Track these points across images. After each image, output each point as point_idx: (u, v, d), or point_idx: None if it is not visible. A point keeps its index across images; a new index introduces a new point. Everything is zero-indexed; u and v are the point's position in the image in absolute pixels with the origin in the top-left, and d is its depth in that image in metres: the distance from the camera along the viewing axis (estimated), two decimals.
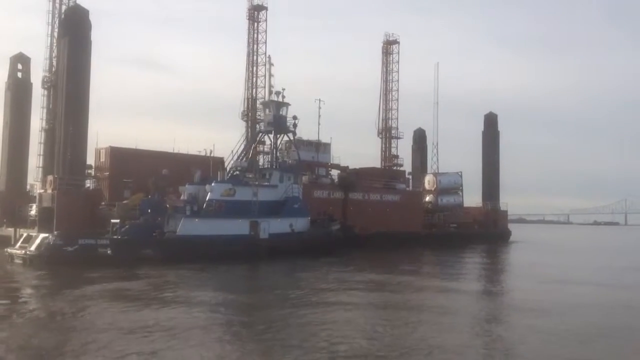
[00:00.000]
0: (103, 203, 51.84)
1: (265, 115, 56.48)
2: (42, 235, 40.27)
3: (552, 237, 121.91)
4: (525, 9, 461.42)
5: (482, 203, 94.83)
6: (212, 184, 49.33)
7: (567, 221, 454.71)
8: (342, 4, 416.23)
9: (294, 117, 57.03)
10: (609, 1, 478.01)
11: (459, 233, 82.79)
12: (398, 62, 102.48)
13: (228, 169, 54.19)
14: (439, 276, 41.88)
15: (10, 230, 56.48)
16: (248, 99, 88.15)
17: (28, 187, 62.74)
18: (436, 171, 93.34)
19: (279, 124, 55.70)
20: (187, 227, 45.60)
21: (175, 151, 64.09)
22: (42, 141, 66.97)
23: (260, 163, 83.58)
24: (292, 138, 57.46)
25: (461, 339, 18.77)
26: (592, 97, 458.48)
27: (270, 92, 55.78)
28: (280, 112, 55.99)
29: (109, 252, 40.55)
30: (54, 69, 67.69)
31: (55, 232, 41.54)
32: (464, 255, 61.49)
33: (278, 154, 57.99)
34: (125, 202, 52.05)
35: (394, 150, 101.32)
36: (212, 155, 67.07)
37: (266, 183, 52.55)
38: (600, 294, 31.76)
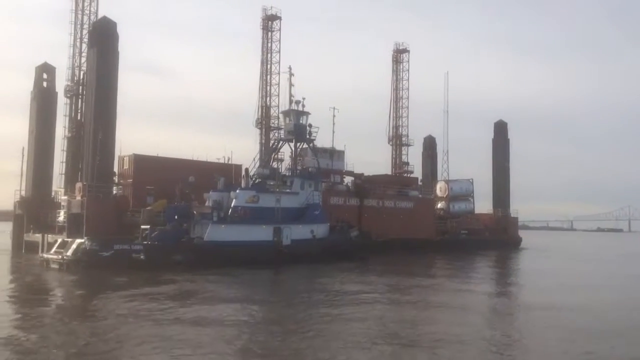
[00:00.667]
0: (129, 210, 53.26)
1: (286, 124, 57.93)
2: (78, 240, 41.68)
3: (560, 243, 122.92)
4: (537, 15, 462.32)
5: (492, 210, 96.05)
6: (237, 191, 50.76)
7: (571, 227, 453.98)
8: (352, 12, 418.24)
9: (309, 125, 58.35)
10: (619, 6, 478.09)
11: (471, 239, 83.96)
12: (408, 70, 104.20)
13: (251, 175, 55.50)
14: (464, 283, 43.15)
15: (37, 236, 57.91)
16: (262, 107, 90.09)
17: (52, 193, 64.08)
18: (447, 178, 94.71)
19: (300, 133, 57.19)
20: (214, 233, 46.99)
21: (195, 158, 65.85)
22: (65, 149, 68.67)
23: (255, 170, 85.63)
24: (311, 146, 58.81)
25: (496, 334, 20.18)
26: (597, 105, 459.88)
27: (291, 101, 57.34)
28: (300, 121, 57.50)
29: (142, 257, 41.88)
30: (76, 78, 69.40)
31: (91, 238, 42.82)
32: (479, 261, 62.80)
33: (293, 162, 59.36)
34: (149, 208, 53.61)
35: (404, 158, 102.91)
36: (230, 162, 69.45)
37: (288, 190, 53.91)
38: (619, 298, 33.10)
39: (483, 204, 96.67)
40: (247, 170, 54.21)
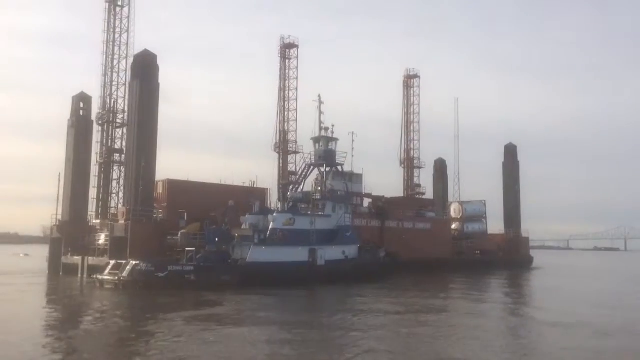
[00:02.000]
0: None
1: (316, 150, 60.66)
2: (133, 262, 43.93)
3: (566, 263, 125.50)
4: (542, 37, 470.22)
5: (504, 230, 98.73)
6: (275, 214, 53.26)
7: (567, 247, 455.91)
8: (362, 39, 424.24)
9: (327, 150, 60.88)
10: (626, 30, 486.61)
11: (485, 260, 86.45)
12: (419, 95, 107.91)
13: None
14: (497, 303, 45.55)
15: (77, 259, 60.17)
16: (280, 131, 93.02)
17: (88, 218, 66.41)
18: (459, 200, 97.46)
19: (329, 158, 59.98)
20: (256, 254, 49.39)
21: (222, 182, 68.32)
22: (97, 174, 71.17)
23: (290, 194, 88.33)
24: (341, 171, 61.52)
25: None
26: (591, 126, 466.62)
27: (321, 128, 60.20)
28: (330, 147, 60.33)
29: (192, 277, 44.21)
30: (107, 106, 72.21)
31: (147, 259, 45.15)
32: (497, 282, 64.96)
33: (320, 186, 61.85)
34: (183, 231, 55.90)
35: (415, 180, 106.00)
36: (256, 186, 72.05)
37: (320, 213, 56.45)
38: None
39: (494, 224, 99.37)
40: (284, 194, 56.65)
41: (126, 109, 71.28)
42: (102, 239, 58.17)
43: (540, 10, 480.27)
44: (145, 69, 56.15)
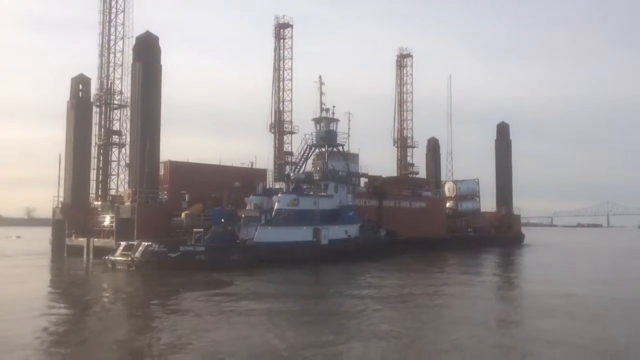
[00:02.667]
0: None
1: (318, 131, 61.42)
2: (145, 243, 44.68)
3: (555, 239, 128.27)
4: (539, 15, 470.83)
5: (496, 208, 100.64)
6: (279, 195, 54.20)
7: (551, 224, 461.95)
8: (354, 18, 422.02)
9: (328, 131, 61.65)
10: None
11: (478, 237, 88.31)
12: (412, 74, 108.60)
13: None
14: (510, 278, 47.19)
15: (81, 241, 60.73)
16: (276, 112, 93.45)
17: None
18: (451, 178, 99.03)
19: (330, 139, 60.84)
20: (263, 234, 50.39)
21: (221, 164, 68.85)
22: (95, 156, 71.42)
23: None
24: (342, 151, 62.39)
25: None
26: (575, 104, 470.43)
27: (322, 109, 60.92)
28: (331, 127, 61.16)
29: (203, 258, 45.12)
30: (104, 88, 72.23)
31: (159, 240, 46.00)
32: (493, 258, 66.79)
33: (322, 166, 62.72)
34: (186, 212, 56.62)
35: (409, 159, 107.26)
36: (254, 167, 72.77)
37: (323, 193, 57.44)
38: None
39: (485, 202, 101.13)
40: (288, 175, 57.48)
41: (123, 90, 71.59)
42: (107, 220, 58.70)
43: None
44: (147, 51, 56.31)
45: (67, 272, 48.97)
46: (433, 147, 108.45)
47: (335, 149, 62.09)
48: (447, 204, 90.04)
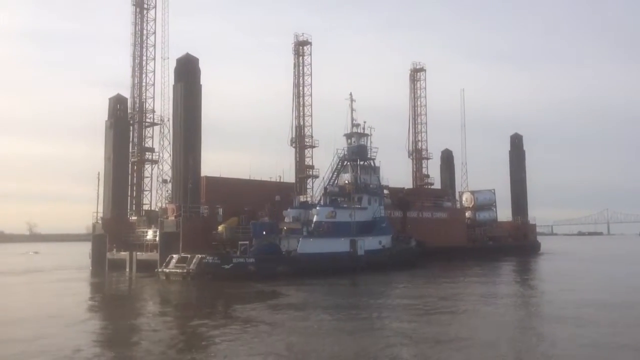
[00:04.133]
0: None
1: (349, 146, 63.91)
2: (199, 255, 47.00)
3: (567, 247, 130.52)
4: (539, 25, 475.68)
5: (512, 217, 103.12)
6: (317, 208, 56.64)
7: (551, 232, 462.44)
8: (368, 34, 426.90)
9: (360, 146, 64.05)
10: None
11: (496, 246, 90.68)
12: (425, 88, 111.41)
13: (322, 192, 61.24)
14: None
15: (124, 254, 62.92)
16: (296, 127, 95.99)
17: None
18: (466, 189, 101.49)
19: (362, 153, 63.40)
20: (305, 246, 52.80)
21: (251, 178, 71.21)
22: (130, 172, 73.74)
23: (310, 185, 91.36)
24: (373, 165, 64.87)
25: None
26: (574, 111, 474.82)
27: (353, 125, 63.53)
28: (362, 142, 63.73)
29: (253, 268, 47.45)
30: (136, 107, 74.71)
31: (213, 253, 48.40)
32: (515, 267, 68.85)
33: (356, 180, 65.05)
34: (224, 225, 58.83)
35: (424, 170, 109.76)
36: (282, 181, 75.30)
37: (357, 206, 59.85)
38: None
39: (501, 212, 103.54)
40: (326, 188, 59.90)
41: (156, 108, 74.19)
42: (149, 234, 60.92)
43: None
44: (187, 72, 58.82)
45: (119, 284, 51.20)
46: (447, 158, 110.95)
47: (366, 163, 64.50)
48: (466, 214, 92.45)
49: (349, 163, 63.96)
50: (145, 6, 75.78)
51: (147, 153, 73.77)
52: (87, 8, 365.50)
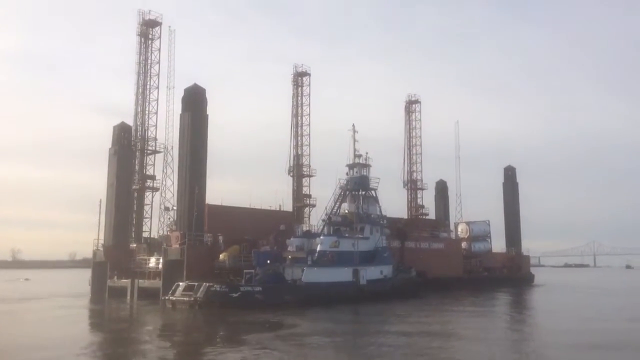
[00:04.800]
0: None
1: (352, 177, 64.87)
2: (206, 284, 47.27)
3: (558, 279, 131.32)
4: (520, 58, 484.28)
5: (506, 249, 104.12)
6: (321, 237, 57.25)
7: (539, 263, 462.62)
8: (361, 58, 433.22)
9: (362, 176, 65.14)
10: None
11: (491, 277, 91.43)
12: (420, 119, 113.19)
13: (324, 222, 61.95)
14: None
15: (125, 282, 62.89)
16: (294, 156, 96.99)
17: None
18: (461, 220, 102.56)
19: (364, 183, 64.38)
20: (310, 275, 53.27)
21: (251, 206, 71.80)
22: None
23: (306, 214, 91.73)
24: (375, 195, 65.81)
25: None
26: (561, 143, 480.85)
27: (355, 156, 64.64)
28: (363, 173, 64.76)
29: (260, 297, 47.77)
30: (139, 135, 75.41)
31: (221, 281, 48.69)
32: (513, 298, 69.51)
33: (357, 210, 65.82)
34: (224, 254, 59.20)
35: (419, 201, 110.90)
36: (282, 209, 76.10)
37: (360, 235, 60.55)
38: None
39: (495, 243, 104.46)
40: (329, 218, 60.64)
41: (158, 136, 75.04)
42: (152, 262, 61.07)
43: (513, 32, 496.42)
44: (195, 102, 59.83)
45: (124, 312, 51.17)
46: (441, 189, 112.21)
47: (368, 193, 65.41)
48: (462, 245, 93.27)
49: (351, 193, 64.78)
50: (150, 37, 77.19)
51: (148, 180, 74.30)
52: (89, 35, 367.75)
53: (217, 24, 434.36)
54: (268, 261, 54.60)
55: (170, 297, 48.78)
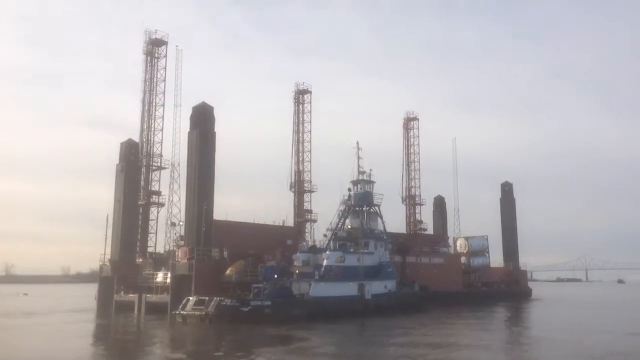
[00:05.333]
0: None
1: (356, 193, 66.21)
2: (217, 298, 48.23)
3: (555, 294, 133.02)
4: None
5: (504, 263, 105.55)
6: (327, 253, 58.41)
7: (531, 278, 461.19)
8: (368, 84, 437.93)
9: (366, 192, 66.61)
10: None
11: (490, 292, 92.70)
12: (418, 136, 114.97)
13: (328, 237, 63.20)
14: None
15: (132, 296, 63.57)
16: (295, 172, 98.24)
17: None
18: (459, 235, 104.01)
19: (368, 199, 65.72)
20: (317, 289, 54.32)
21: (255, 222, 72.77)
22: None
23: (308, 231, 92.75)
24: (378, 211, 67.12)
25: None
26: (552, 157, 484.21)
27: (359, 172, 66.05)
28: (367, 189, 66.12)
29: (269, 311, 48.74)
30: (145, 152, 76.54)
31: (231, 295, 49.67)
32: (514, 312, 70.80)
33: (361, 225, 67.05)
34: (230, 269, 60.11)
35: (417, 216, 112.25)
36: (285, 225, 77.25)
37: (364, 250, 61.73)
38: None
39: (492, 257, 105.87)
40: (335, 233, 61.88)
41: (165, 153, 76.21)
42: (159, 277, 61.89)
43: (495, 50, 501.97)
44: (203, 120, 61.10)
45: (131, 327, 51.83)
46: (439, 204, 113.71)
47: (372, 209, 66.74)
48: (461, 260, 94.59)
49: (354, 208, 66.06)
50: (156, 55, 78.64)
51: (153, 196, 75.29)
52: (99, 51, 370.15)
53: (214, 41, 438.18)
54: (275, 275, 55.67)
55: (181, 312, 49.62)
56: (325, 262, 57.52)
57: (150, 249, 75.21)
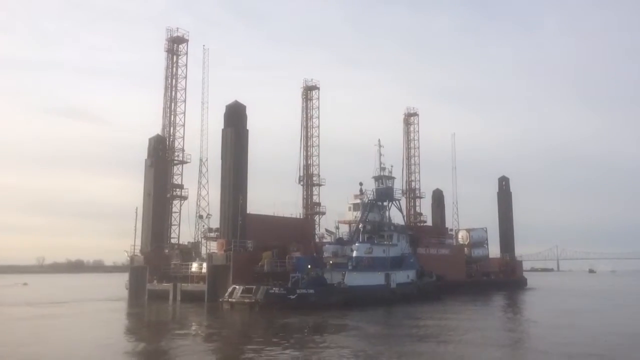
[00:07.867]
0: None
1: (378, 188, 70.00)
2: (265, 287, 51.64)
3: (546, 283, 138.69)
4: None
5: (500, 254, 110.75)
6: (356, 244, 62.20)
7: None
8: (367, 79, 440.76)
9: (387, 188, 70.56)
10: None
11: (490, 281, 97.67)
12: (418, 131, 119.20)
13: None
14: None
15: (166, 285, 66.49)
16: (304, 166, 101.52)
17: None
18: (457, 227, 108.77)
19: (390, 194, 69.62)
20: (351, 278, 58.10)
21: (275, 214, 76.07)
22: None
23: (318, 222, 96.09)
24: (399, 205, 71.12)
25: None
26: (520, 148, 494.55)
27: (381, 169, 69.79)
28: (389, 184, 69.99)
29: (313, 299, 52.35)
30: (167, 146, 79.05)
31: (280, 284, 53.11)
32: (514, 300, 75.49)
33: (383, 218, 70.90)
34: (264, 259, 63.44)
35: (417, 209, 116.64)
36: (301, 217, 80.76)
37: (388, 242, 65.68)
38: None
39: (489, 249, 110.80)
40: (364, 226, 65.66)
41: (189, 148, 78.92)
42: (194, 267, 64.95)
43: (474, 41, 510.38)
44: (236, 118, 64.18)
45: (180, 315, 54.60)
46: (438, 197, 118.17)
47: (393, 203, 70.69)
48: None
49: (376, 203, 69.88)
50: (177, 53, 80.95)
51: (176, 189, 77.92)
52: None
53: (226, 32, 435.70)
54: (309, 266, 59.12)
55: (229, 299, 52.84)
56: (354, 254, 61.23)
57: (173, 240, 77.96)
